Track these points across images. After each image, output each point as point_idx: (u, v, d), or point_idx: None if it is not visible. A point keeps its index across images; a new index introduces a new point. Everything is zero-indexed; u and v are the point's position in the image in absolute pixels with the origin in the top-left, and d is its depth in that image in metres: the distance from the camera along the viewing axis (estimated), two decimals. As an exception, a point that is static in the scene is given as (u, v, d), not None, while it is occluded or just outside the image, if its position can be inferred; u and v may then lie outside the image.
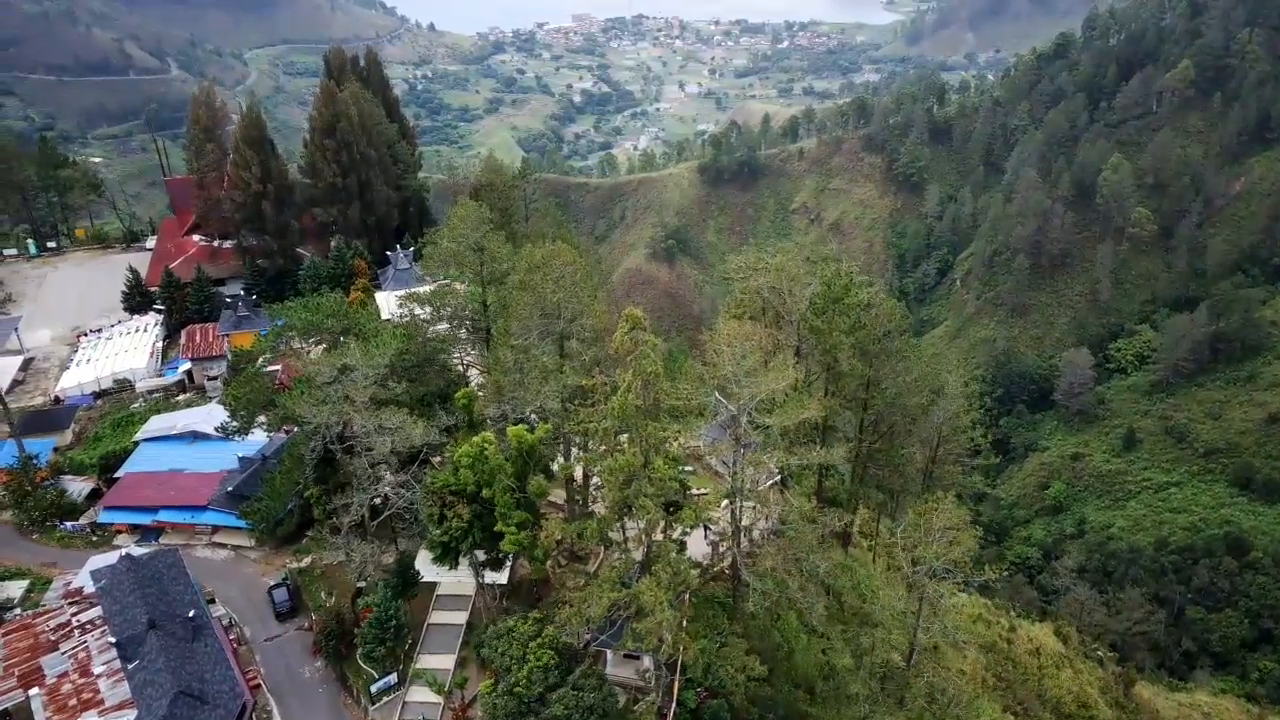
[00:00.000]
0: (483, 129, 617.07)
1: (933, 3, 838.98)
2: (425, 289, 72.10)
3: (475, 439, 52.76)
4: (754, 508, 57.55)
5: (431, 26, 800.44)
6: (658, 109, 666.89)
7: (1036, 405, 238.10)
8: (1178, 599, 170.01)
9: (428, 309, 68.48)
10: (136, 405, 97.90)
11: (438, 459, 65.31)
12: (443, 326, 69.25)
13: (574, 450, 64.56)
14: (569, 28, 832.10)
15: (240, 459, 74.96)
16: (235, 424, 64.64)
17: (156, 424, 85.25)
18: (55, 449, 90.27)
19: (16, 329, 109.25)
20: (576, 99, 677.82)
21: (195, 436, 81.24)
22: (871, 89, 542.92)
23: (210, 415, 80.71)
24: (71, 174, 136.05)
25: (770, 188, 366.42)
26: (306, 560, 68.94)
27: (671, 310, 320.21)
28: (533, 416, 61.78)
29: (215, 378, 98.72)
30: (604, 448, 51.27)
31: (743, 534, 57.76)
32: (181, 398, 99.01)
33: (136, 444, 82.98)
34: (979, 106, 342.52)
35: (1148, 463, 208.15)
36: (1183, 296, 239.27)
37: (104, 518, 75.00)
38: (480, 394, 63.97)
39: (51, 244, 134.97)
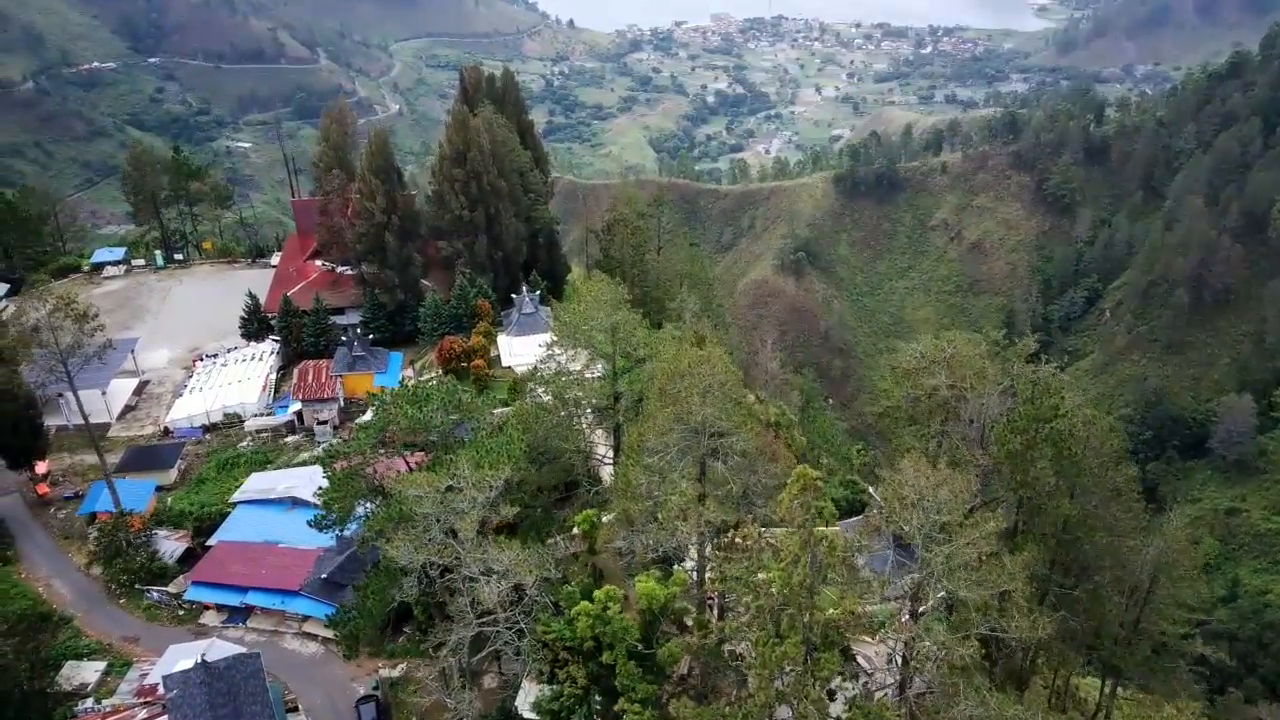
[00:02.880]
0: (615, 127, 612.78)
1: (1088, 10, 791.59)
2: (550, 366, 63.35)
3: (599, 593, 43.85)
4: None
5: (571, 23, 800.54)
6: (792, 112, 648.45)
7: (1189, 452, 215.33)
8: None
9: (550, 395, 59.86)
10: (244, 444, 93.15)
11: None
12: (565, 414, 60.57)
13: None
14: (707, 27, 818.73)
15: (338, 537, 68.13)
16: (329, 520, 57.53)
17: (255, 484, 79.32)
18: (158, 488, 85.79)
19: (134, 350, 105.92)
20: (710, 100, 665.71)
21: (295, 502, 74.86)
22: (1018, 99, 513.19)
23: (313, 478, 74.17)
24: (201, 187, 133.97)
25: (909, 202, 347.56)
26: (400, 668, 61.43)
27: (796, 325, 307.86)
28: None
29: (325, 421, 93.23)
30: (754, 621, 41.63)
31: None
32: (290, 439, 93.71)
33: (234, 505, 77.34)
34: (1140, 126, 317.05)
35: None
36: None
37: (191, 594, 69.30)
38: (606, 501, 55.13)
39: (179, 256, 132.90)
